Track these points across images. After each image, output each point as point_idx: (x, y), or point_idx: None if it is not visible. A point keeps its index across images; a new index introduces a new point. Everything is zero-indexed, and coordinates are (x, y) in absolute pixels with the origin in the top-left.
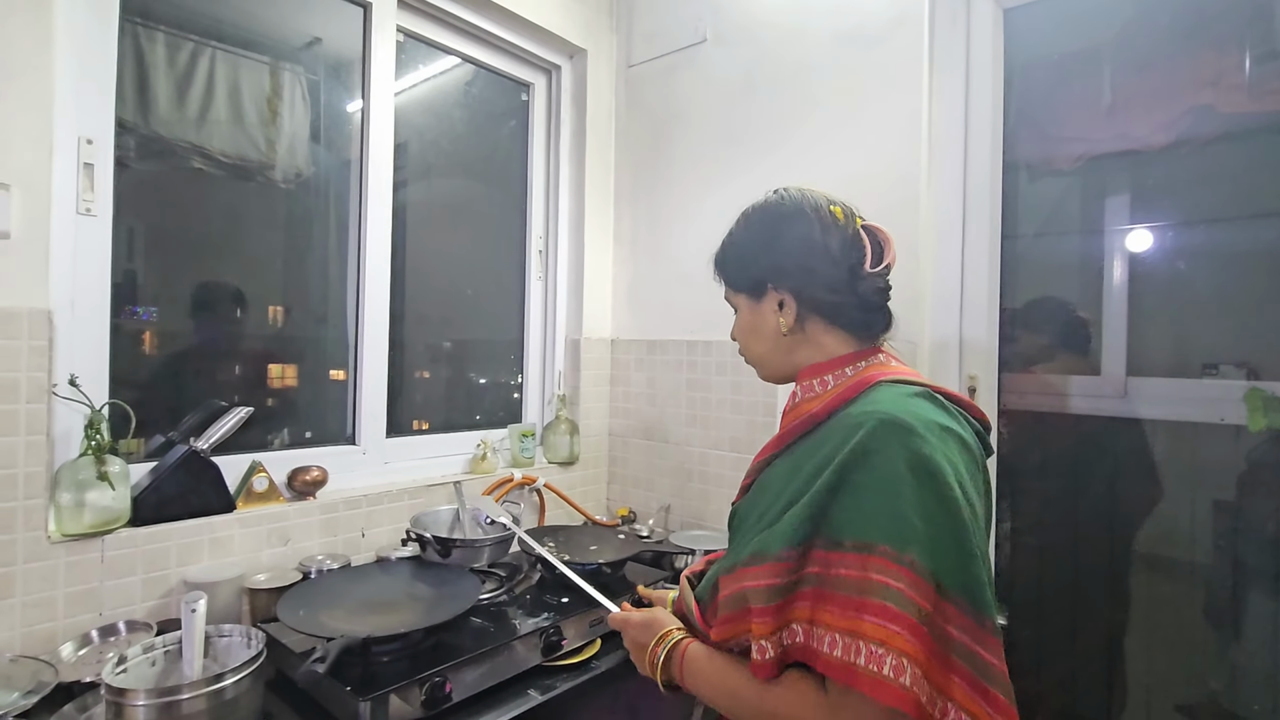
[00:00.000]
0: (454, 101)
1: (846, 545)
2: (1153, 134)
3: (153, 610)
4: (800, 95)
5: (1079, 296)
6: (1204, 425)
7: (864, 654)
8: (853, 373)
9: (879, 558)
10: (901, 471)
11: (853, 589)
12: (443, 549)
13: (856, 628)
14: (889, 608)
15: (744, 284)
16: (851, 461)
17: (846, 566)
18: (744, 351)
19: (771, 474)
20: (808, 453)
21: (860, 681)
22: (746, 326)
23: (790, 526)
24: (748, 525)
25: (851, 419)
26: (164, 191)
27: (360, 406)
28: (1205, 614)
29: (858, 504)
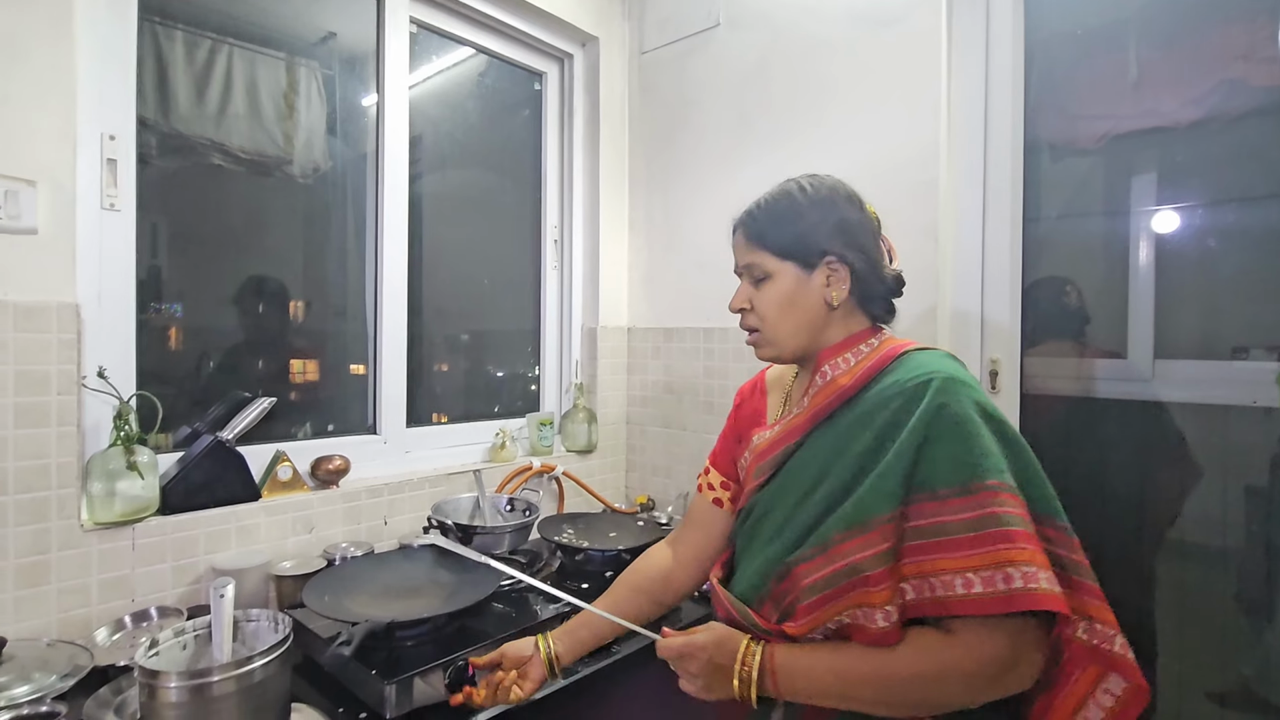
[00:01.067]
0: (467, 93)
1: (943, 493)
2: (1181, 109)
3: (183, 596)
4: (816, 77)
5: (1103, 278)
6: (1234, 409)
7: (1018, 577)
8: (869, 349)
9: (987, 492)
10: (975, 417)
11: (971, 527)
12: (463, 536)
13: (998, 558)
14: (1016, 530)
15: (797, 249)
16: (930, 417)
17: (953, 511)
18: (764, 324)
19: (805, 454)
20: (856, 423)
21: (1021, 601)
22: (784, 296)
23: (886, 488)
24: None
25: (904, 385)
26: (185, 188)
27: (380, 396)
28: (1237, 600)
29: (946, 454)
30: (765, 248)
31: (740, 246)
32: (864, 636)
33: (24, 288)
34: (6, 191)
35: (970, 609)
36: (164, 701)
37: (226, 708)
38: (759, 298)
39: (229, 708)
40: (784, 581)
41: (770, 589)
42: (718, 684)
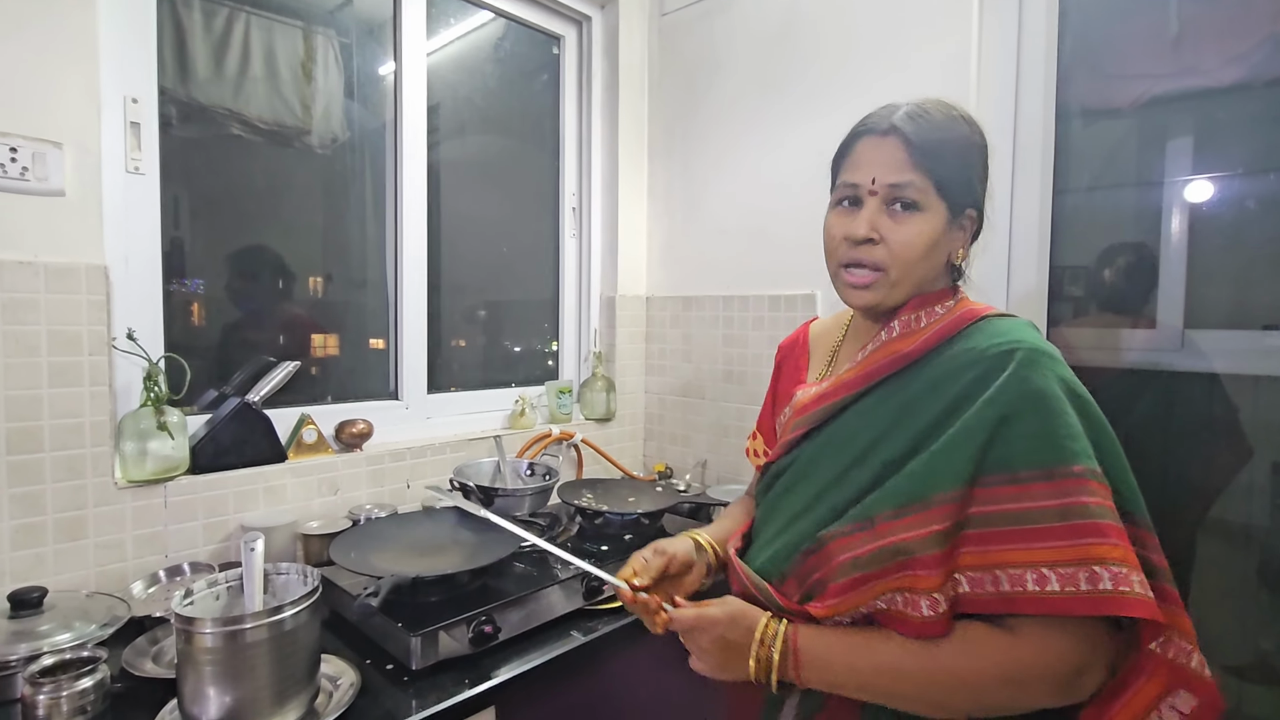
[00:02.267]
0: (485, 57)
1: (1023, 476)
2: (1223, 68)
3: (214, 554)
4: (841, 38)
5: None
6: (1265, 380)
7: (1106, 578)
8: (944, 310)
9: (1073, 479)
10: (1061, 395)
11: (1055, 517)
12: (485, 498)
13: (1086, 553)
14: (1107, 524)
15: (958, 191)
16: (1010, 391)
17: (1033, 497)
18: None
19: (854, 418)
20: (921, 392)
21: (1109, 606)
22: (930, 237)
23: (948, 466)
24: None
25: (983, 353)
26: (205, 159)
27: (401, 362)
28: (1259, 575)
29: (1027, 433)
30: (929, 173)
31: (891, 160)
32: (901, 627)
33: (54, 249)
34: (35, 154)
35: (1044, 608)
36: (200, 647)
37: (259, 654)
38: (899, 230)
39: (261, 654)
40: (814, 556)
41: (796, 564)
42: (731, 663)
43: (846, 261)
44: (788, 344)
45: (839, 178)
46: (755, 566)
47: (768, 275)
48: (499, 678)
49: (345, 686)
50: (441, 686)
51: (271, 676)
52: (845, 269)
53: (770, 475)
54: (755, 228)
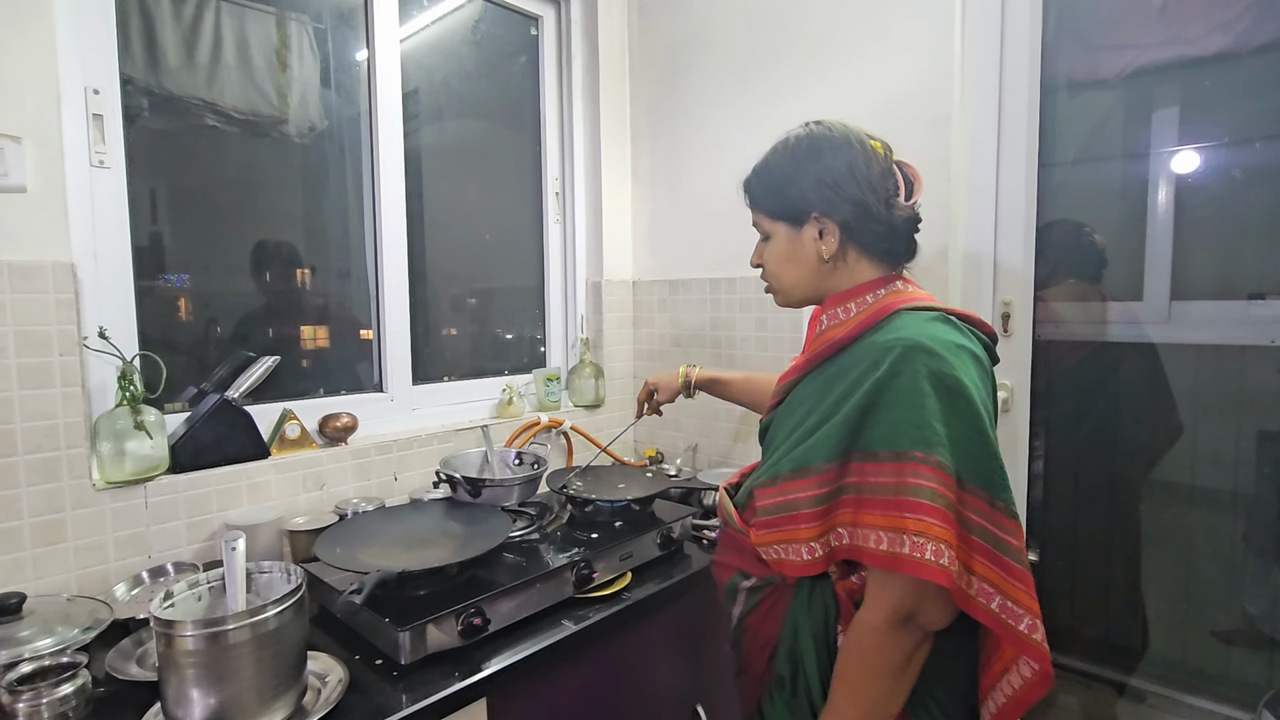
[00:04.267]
0: (462, 40)
1: (881, 456)
2: (1208, 37)
3: (198, 553)
4: (824, 14)
5: (1121, 219)
6: (1250, 350)
7: (907, 544)
8: (873, 300)
9: (910, 463)
10: (925, 388)
11: (890, 492)
12: (473, 489)
13: (899, 524)
14: (923, 504)
15: (784, 211)
16: (882, 383)
17: (882, 474)
18: (770, 278)
19: (800, 393)
20: (836, 375)
21: (905, 566)
22: (781, 254)
23: (829, 442)
24: (779, 439)
25: (877, 346)
26: (180, 150)
27: (386, 355)
28: (1245, 541)
29: (889, 419)
30: (760, 210)
31: (750, 208)
32: (792, 569)
33: (18, 247)
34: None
35: (877, 561)
36: (180, 650)
37: (242, 654)
38: (765, 254)
39: (244, 655)
40: (750, 498)
41: (746, 502)
42: None
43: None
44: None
45: None
46: (734, 499)
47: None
48: (489, 669)
49: (334, 683)
50: (431, 680)
51: (256, 676)
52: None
53: (761, 430)
54: (741, 209)
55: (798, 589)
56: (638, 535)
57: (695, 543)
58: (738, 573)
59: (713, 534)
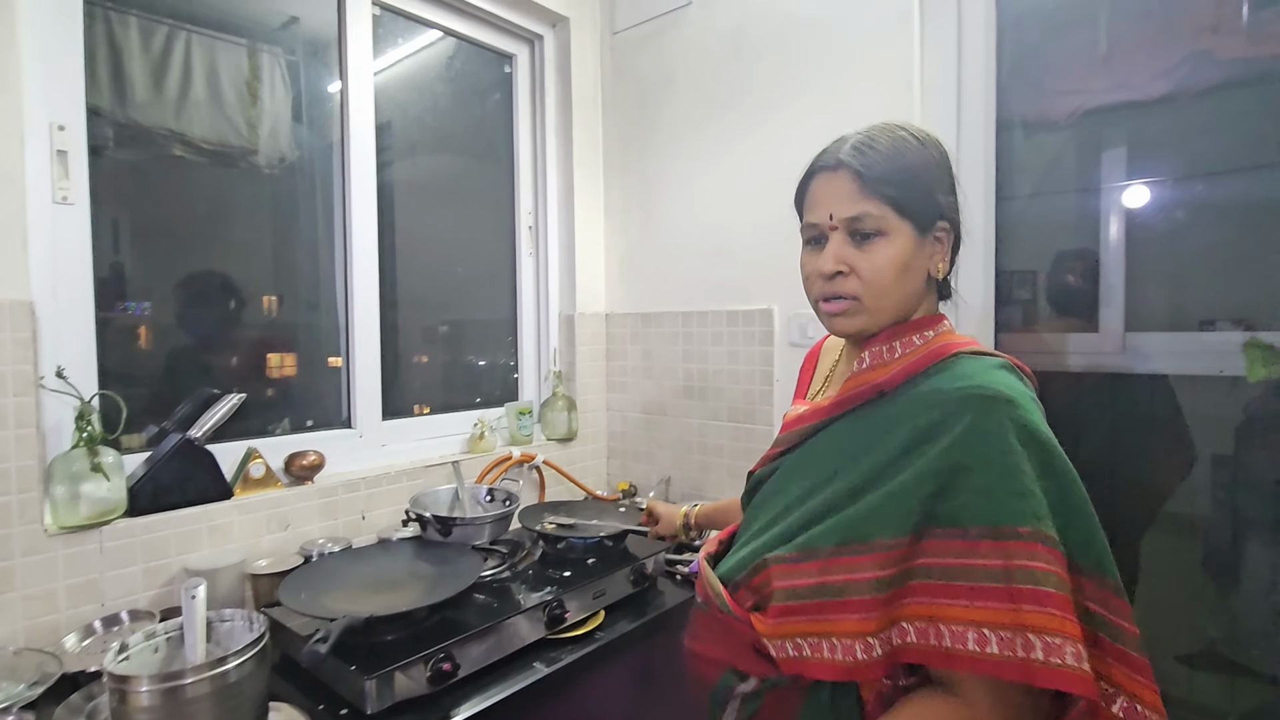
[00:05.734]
0: (436, 76)
1: (973, 532)
2: (1150, 83)
3: (155, 599)
4: (789, 54)
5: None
6: (1202, 379)
7: (1039, 647)
8: (921, 341)
9: (1016, 541)
10: (1016, 447)
11: (998, 578)
12: (443, 528)
13: (1018, 619)
14: (1048, 593)
15: (919, 209)
16: (964, 441)
17: (980, 555)
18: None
19: (822, 443)
20: (880, 426)
21: (1039, 675)
22: (900, 260)
23: (896, 511)
24: (790, 498)
25: (944, 395)
26: (147, 181)
27: (355, 390)
28: (1204, 565)
29: (979, 486)
30: (884, 198)
31: (844, 194)
32: (824, 671)
33: None
34: None
35: (981, 668)
36: (135, 706)
37: (201, 709)
38: (865, 259)
39: (204, 709)
40: (759, 574)
41: (748, 577)
42: None
43: (824, 295)
44: (807, 356)
45: (802, 218)
46: (720, 572)
47: (726, 290)
48: (459, 716)
49: None
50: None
51: None
52: (824, 302)
53: (752, 483)
54: (712, 243)
55: (812, 693)
56: (610, 572)
57: (669, 578)
58: (729, 670)
59: (686, 569)
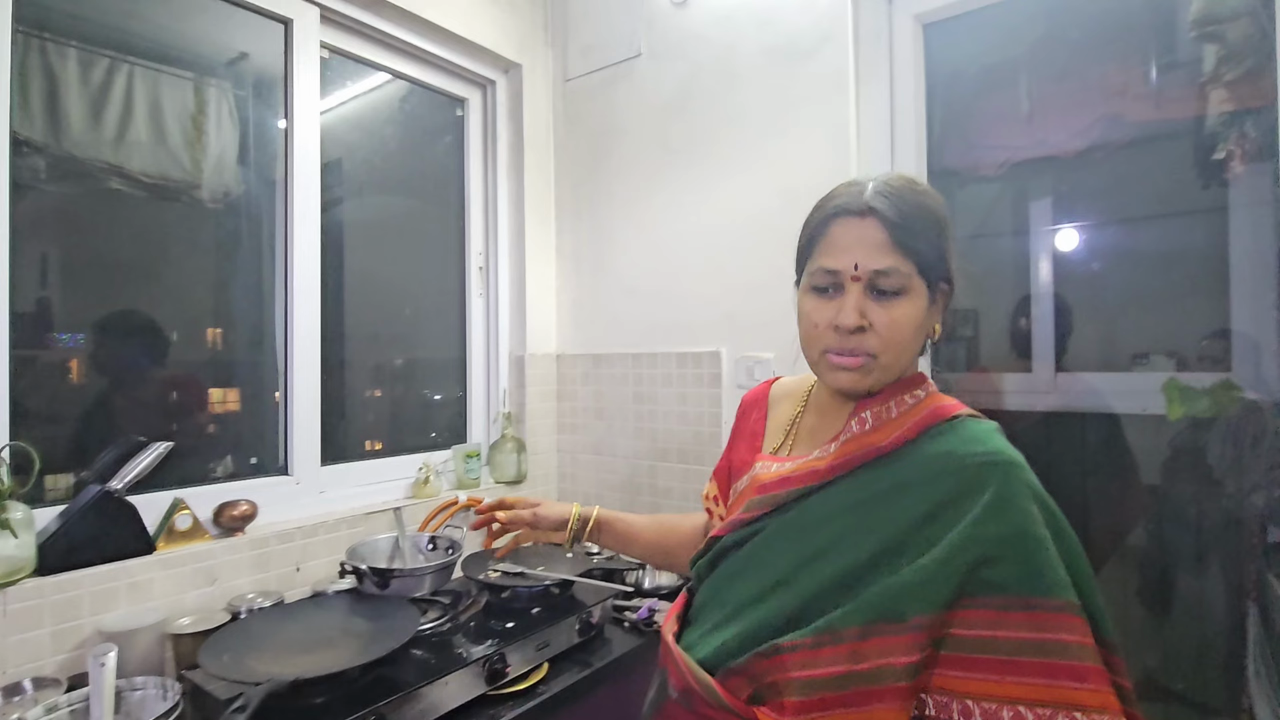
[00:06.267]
0: (385, 118)
1: (1000, 603)
2: (1069, 140)
3: (64, 665)
4: (734, 108)
5: (1011, 295)
6: (1128, 416)
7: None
8: (914, 401)
9: (1048, 613)
10: (1038, 515)
11: (1033, 652)
12: (380, 580)
13: (1064, 697)
14: (1087, 666)
15: (934, 269)
16: (994, 511)
17: (1010, 628)
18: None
19: (819, 508)
20: (890, 491)
21: None
22: (916, 320)
23: (931, 584)
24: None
25: (960, 460)
26: (79, 215)
27: (292, 435)
28: (1139, 595)
29: (1007, 557)
30: (911, 254)
31: (873, 243)
32: None
33: None
34: None
35: None
36: None
37: None
38: (885, 315)
39: None
40: (766, 661)
41: (748, 663)
42: None
43: (838, 350)
44: (748, 401)
45: (814, 262)
46: (699, 656)
47: (675, 333)
48: None
49: None
50: None
51: None
52: (836, 355)
53: (718, 550)
54: (662, 286)
55: None
56: (556, 621)
57: (616, 625)
58: None
59: (635, 615)
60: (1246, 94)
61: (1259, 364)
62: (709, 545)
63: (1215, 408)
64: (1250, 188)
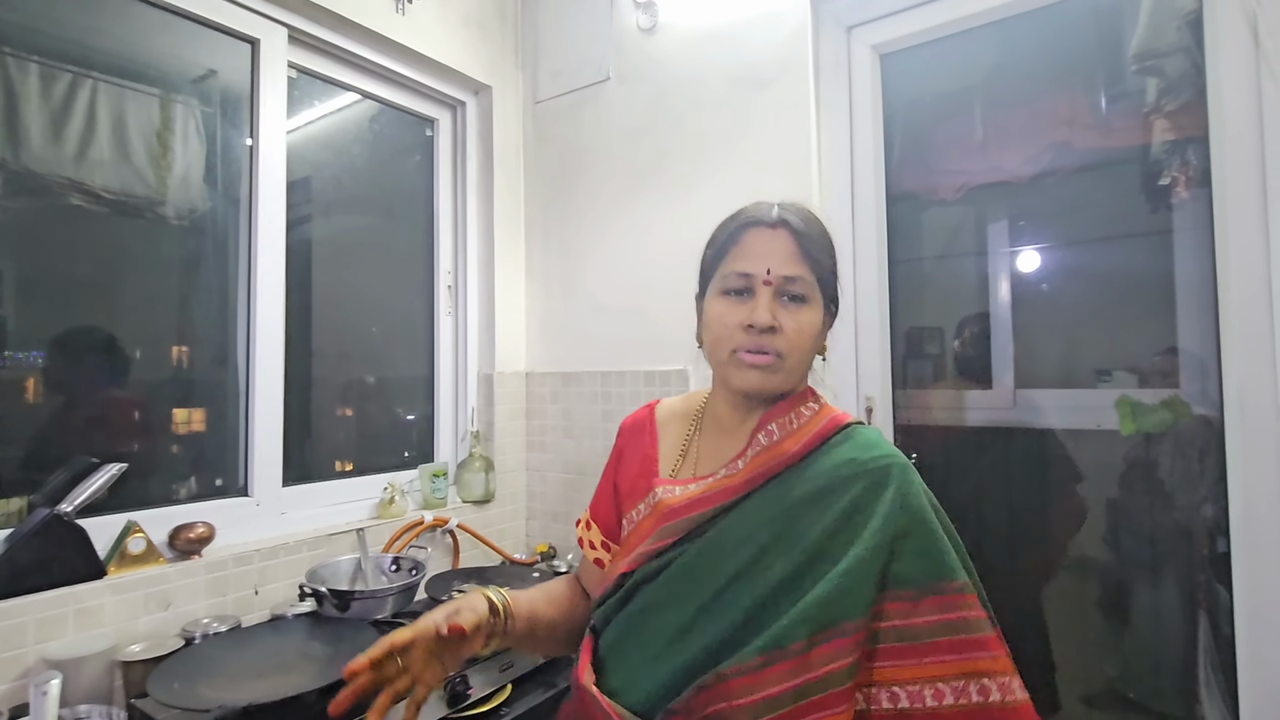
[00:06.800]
0: (354, 137)
1: (912, 594)
2: (1021, 167)
3: (6, 695)
4: (699, 132)
5: (974, 314)
6: (1084, 432)
7: (994, 690)
8: (810, 412)
9: (950, 595)
10: (930, 510)
11: (942, 632)
12: (340, 602)
13: (974, 667)
14: (987, 637)
15: (828, 285)
16: (898, 509)
17: (926, 613)
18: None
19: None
20: (802, 500)
21: (999, 717)
22: (815, 328)
23: (862, 588)
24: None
25: (864, 465)
26: (36, 230)
27: (253, 455)
28: (1098, 605)
29: (915, 550)
30: (813, 268)
31: (784, 252)
32: None
33: None
34: None
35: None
36: None
37: None
38: (792, 320)
39: None
40: (707, 692)
41: (688, 699)
42: None
43: (750, 348)
44: (631, 426)
45: (726, 266)
46: (631, 702)
47: (643, 351)
48: None
49: None
50: None
51: None
52: (748, 353)
53: (629, 586)
54: (630, 305)
55: None
56: None
57: None
58: None
59: None
60: (1186, 124)
61: (1205, 380)
62: (619, 583)
63: (1165, 423)
64: (1193, 212)
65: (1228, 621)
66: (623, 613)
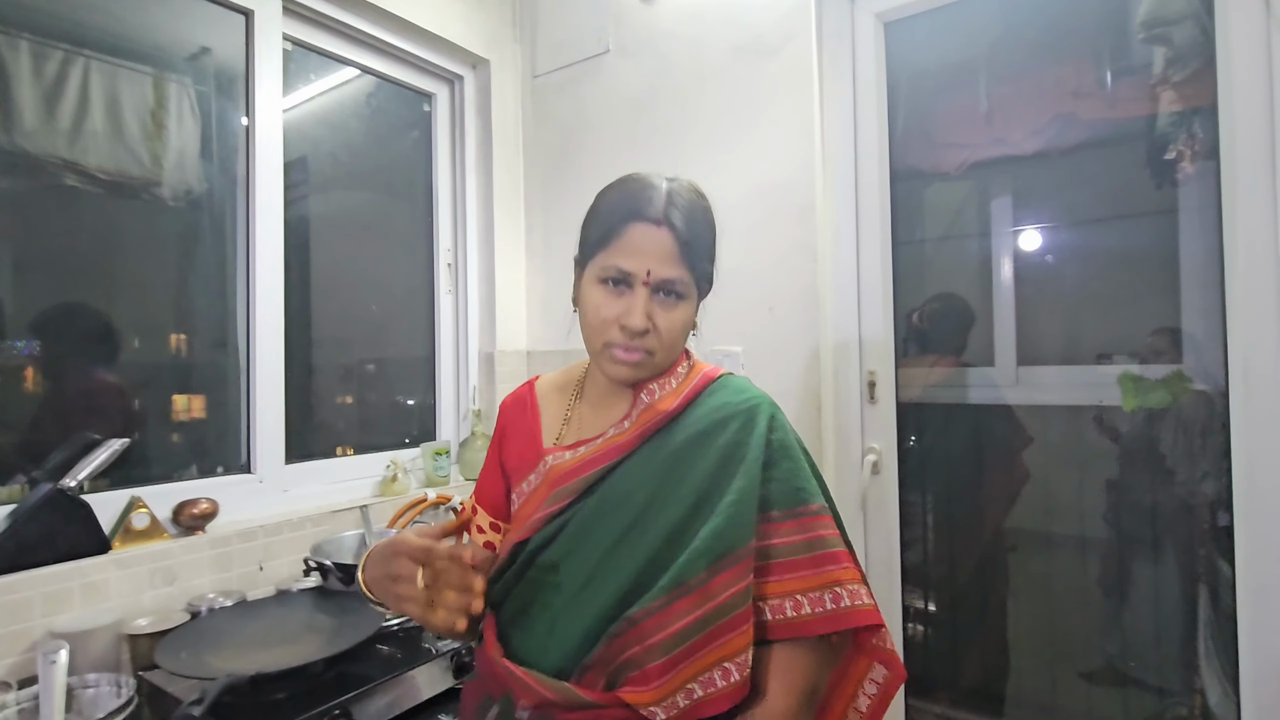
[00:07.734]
0: (351, 113)
1: (775, 516)
2: (1025, 140)
3: (14, 667)
4: (701, 104)
5: (977, 293)
6: (1086, 409)
7: (845, 596)
8: (684, 370)
9: (809, 516)
10: (795, 441)
11: (802, 550)
12: (345, 576)
13: (829, 579)
14: (840, 552)
15: (705, 277)
16: (766, 441)
17: (788, 534)
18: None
19: (626, 479)
20: (687, 445)
21: (850, 619)
22: (689, 321)
23: (747, 514)
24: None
25: (736, 407)
26: (30, 212)
27: (255, 432)
28: (1098, 583)
29: (781, 478)
30: (691, 268)
31: (665, 253)
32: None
33: None
34: None
35: (797, 631)
36: None
37: None
38: (665, 318)
39: None
40: (620, 639)
41: (601, 652)
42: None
43: (623, 345)
44: (512, 403)
45: (607, 257)
46: (548, 666)
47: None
48: None
49: None
50: None
51: None
52: (621, 350)
53: (526, 554)
54: None
55: None
56: None
57: None
58: None
59: None
60: (1193, 94)
61: (1208, 357)
62: (513, 554)
63: (1167, 399)
64: (1198, 189)
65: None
66: (523, 581)
